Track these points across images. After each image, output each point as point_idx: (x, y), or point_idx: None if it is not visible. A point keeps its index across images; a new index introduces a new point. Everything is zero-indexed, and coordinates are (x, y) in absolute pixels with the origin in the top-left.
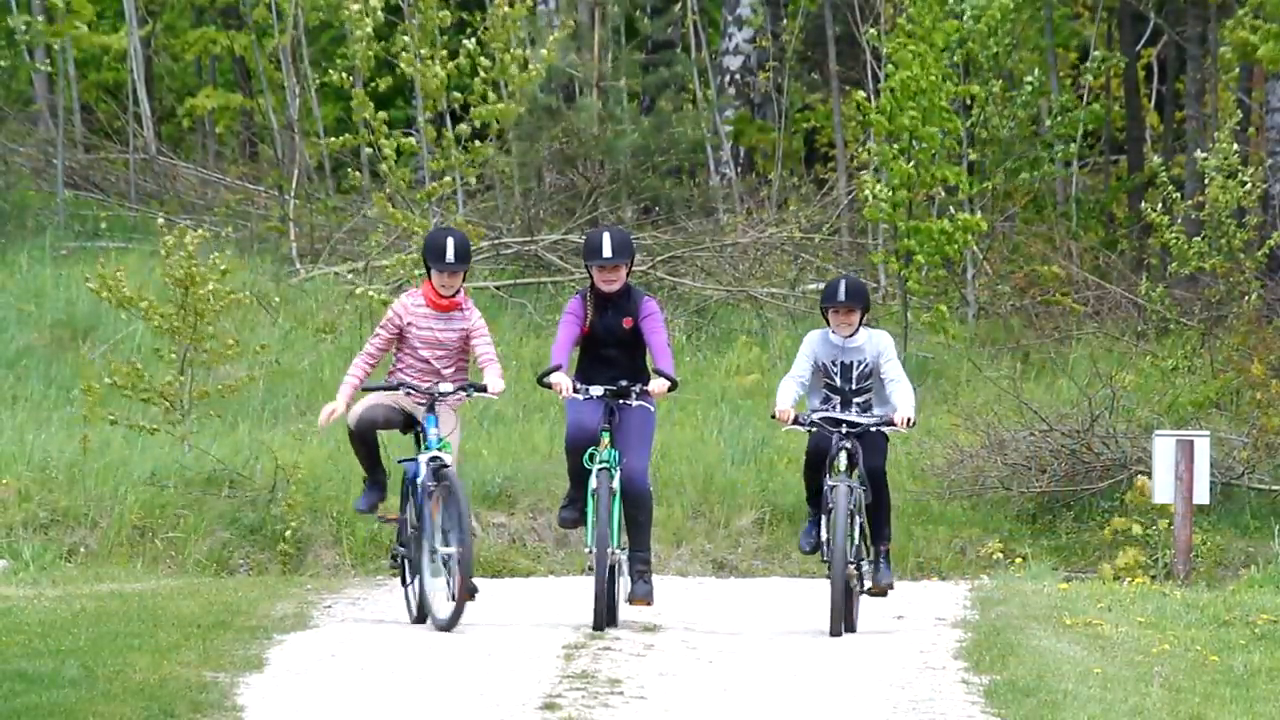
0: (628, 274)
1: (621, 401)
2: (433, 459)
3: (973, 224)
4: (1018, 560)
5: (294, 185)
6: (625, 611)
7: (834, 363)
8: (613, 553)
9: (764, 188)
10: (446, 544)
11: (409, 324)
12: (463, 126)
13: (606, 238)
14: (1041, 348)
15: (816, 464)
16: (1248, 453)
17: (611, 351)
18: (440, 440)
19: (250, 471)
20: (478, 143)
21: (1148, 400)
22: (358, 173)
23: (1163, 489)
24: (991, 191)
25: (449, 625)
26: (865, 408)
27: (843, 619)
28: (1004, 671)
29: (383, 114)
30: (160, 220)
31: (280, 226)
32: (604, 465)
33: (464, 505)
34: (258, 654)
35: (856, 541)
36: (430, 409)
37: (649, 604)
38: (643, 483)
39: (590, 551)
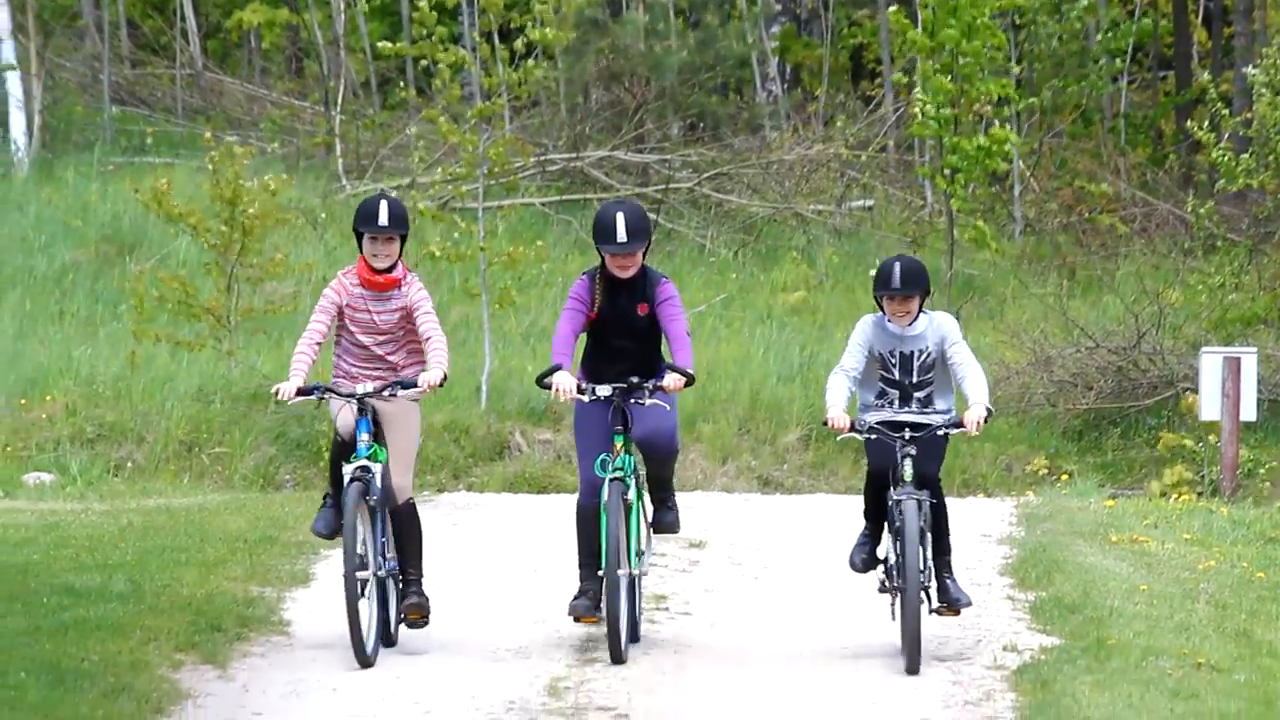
0: (644, 256)
1: (633, 401)
2: (356, 468)
3: (1004, 137)
4: (1064, 477)
5: (340, 101)
6: (666, 543)
7: (892, 353)
8: (628, 574)
9: (810, 104)
10: (364, 567)
11: (346, 305)
12: (518, 42)
13: (620, 220)
14: (1088, 265)
15: (881, 484)
16: None
17: (623, 342)
18: (370, 448)
19: None
20: (529, 61)
21: (1195, 317)
22: (409, 88)
23: (1209, 406)
24: (1039, 107)
25: (367, 661)
26: (926, 402)
27: (919, 649)
28: (1050, 588)
29: (442, 28)
30: (207, 135)
31: (328, 139)
32: (617, 474)
33: (385, 525)
34: (304, 569)
35: (928, 562)
36: (361, 410)
37: (676, 531)
38: (673, 440)
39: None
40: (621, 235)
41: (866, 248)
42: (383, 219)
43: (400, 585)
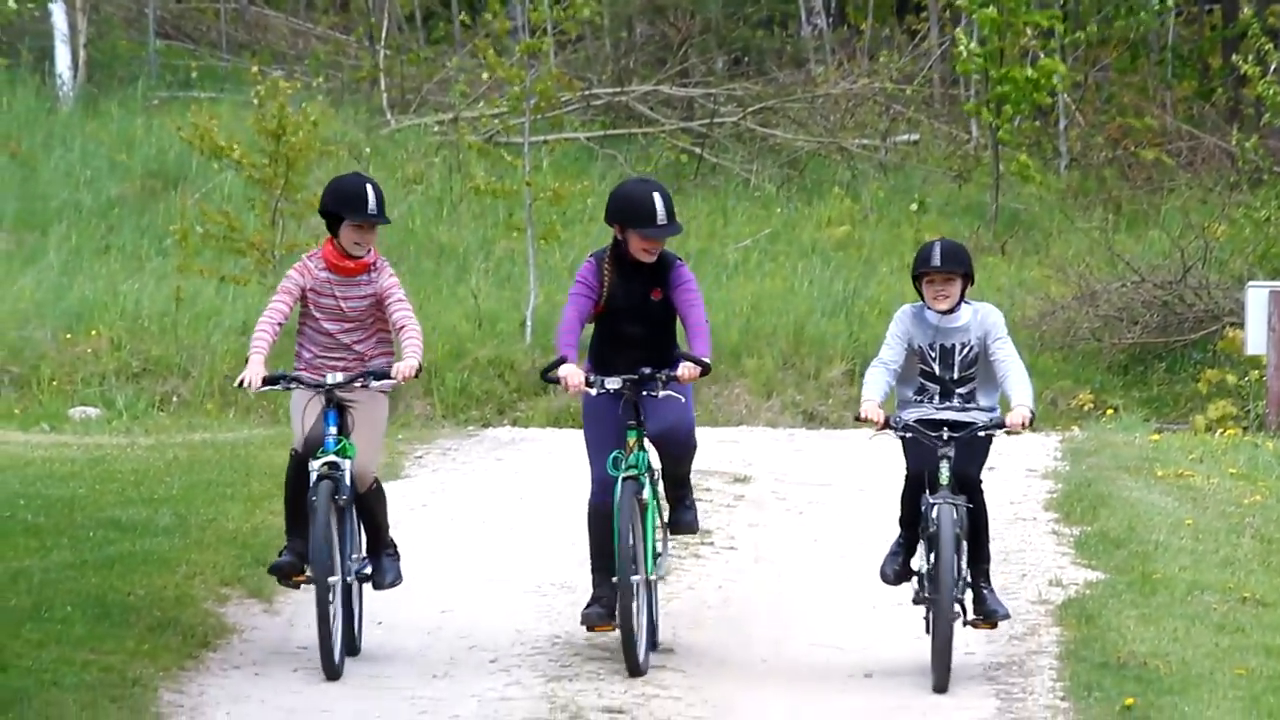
0: None
1: (645, 393)
2: (324, 465)
3: (1053, 68)
4: (1109, 411)
5: (384, 36)
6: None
7: (931, 346)
8: (644, 579)
9: (855, 38)
10: (333, 572)
11: (310, 289)
12: None
13: (659, 201)
14: (1134, 199)
15: (918, 489)
16: None
17: (635, 329)
18: (338, 442)
19: None
20: None
21: (1240, 251)
22: (454, 21)
23: (1255, 340)
24: (1085, 40)
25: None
26: (969, 399)
27: (948, 667)
28: (1095, 523)
29: None
30: (254, 69)
31: (373, 73)
32: (631, 472)
33: (353, 526)
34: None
35: (962, 569)
36: (329, 402)
37: (694, 532)
38: (690, 435)
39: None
40: (662, 217)
41: (912, 182)
42: (371, 206)
43: (366, 576)
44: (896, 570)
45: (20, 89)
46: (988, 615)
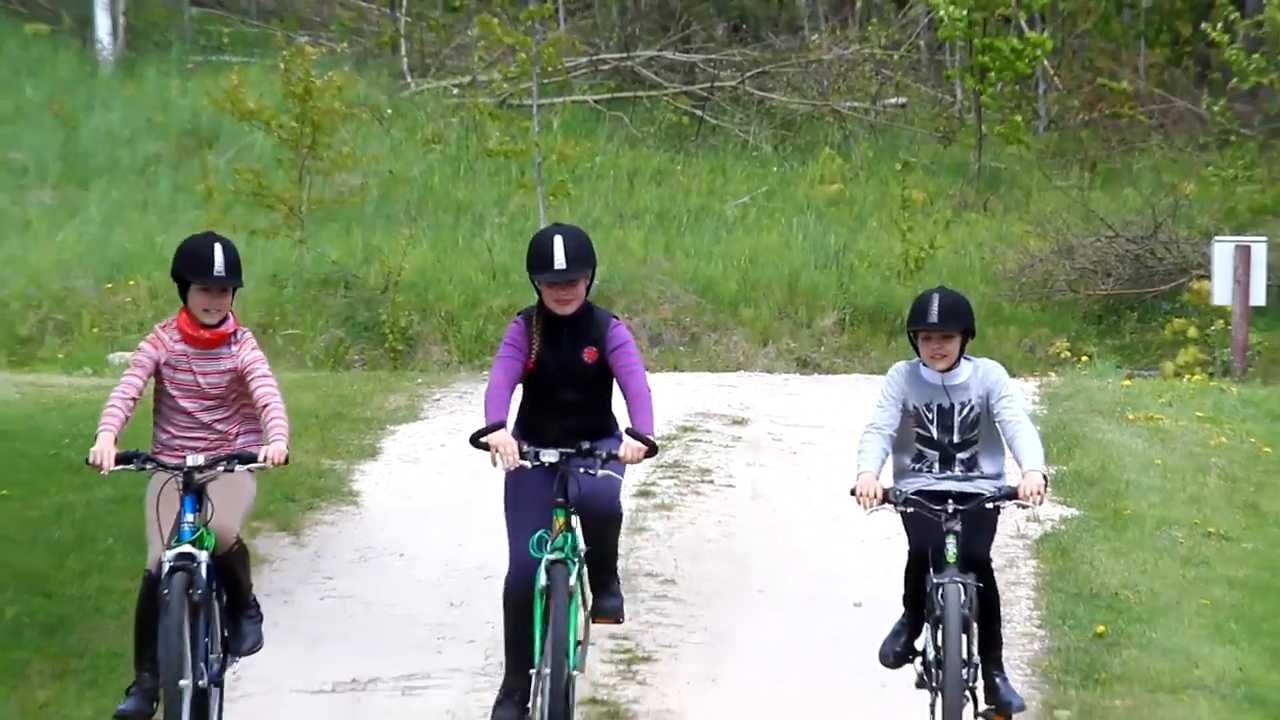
0: (588, 289)
1: (582, 470)
2: (177, 557)
3: (1040, 41)
4: (1083, 358)
5: (405, 3)
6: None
7: (929, 406)
8: (569, 675)
9: (847, 6)
10: (183, 675)
11: (165, 364)
12: None
13: (558, 243)
14: (1108, 159)
15: (922, 566)
16: None
17: (567, 393)
18: (195, 530)
19: (364, 273)
20: None
21: (1208, 208)
22: None
23: (1221, 292)
24: (1062, 10)
25: None
26: (971, 465)
27: None
28: (1070, 462)
29: None
30: (279, 35)
31: (394, 38)
32: (557, 556)
33: (210, 625)
34: (372, 443)
35: (972, 654)
36: (187, 487)
37: (619, 621)
38: (614, 503)
39: (537, 675)
40: (559, 261)
41: (899, 143)
42: (218, 268)
43: (224, 661)
44: (898, 652)
45: (63, 53)
46: (1001, 707)
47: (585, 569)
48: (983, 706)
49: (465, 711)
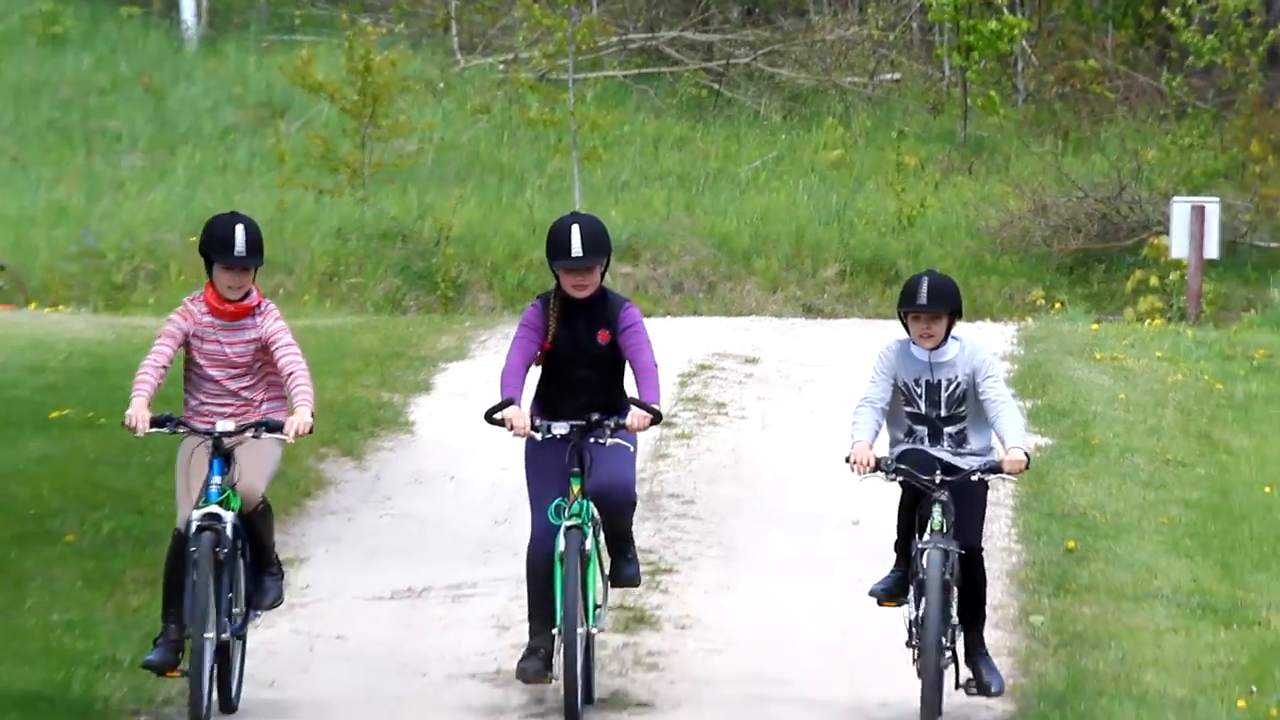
0: (603, 275)
1: (593, 440)
2: (205, 516)
3: (1018, 23)
4: (1056, 305)
5: None
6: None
7: (918, 383)
8: (586, 633)
9: None
10: (208, 629)
11: (194, 335)
12: None
13: (576, 232)
14: (1078, 128)
15: (913, 503)
16: (1250, 216)
17: (581, 373)
18: (223, 491)
19: (418, 228)
20: None
21: (1167, 172)
22: None
23: (1178, 246)
24: None
25: None
26: (959, 440)
27: (938, 711)
28: (1044, 397)
29: None
30: (344, 17)
31: (447, 19)
32: (574, 522)
33: (233, 581)
34: (426, 379)
35: (953, 622)
36: (215, 450)
37: (636, 585)
38: (629, 490)
39: (558, 634)
40: (576, 249)
41: (894, 113)
42: (239, 248)
43: (247, 614)
44: (884, 588)
45: (152, 32)
46: (982, 687)
47: (603, 536)
48: (966, 678)
49: (508, 615)
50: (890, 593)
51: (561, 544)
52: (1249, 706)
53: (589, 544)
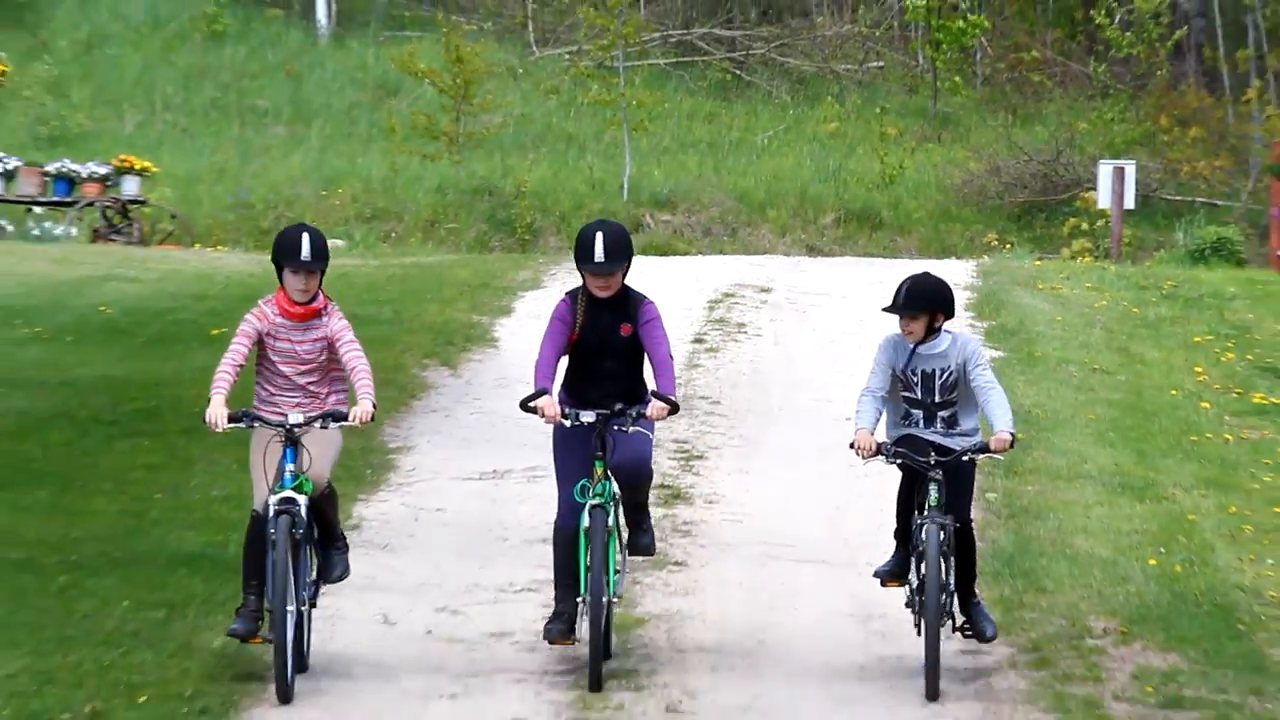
0: (624, 276)
1: (616, 427)
2: (281, 501)
3: (979, 22)
4: (1007, 246)
5: None
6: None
7: (913, 371)
8: (608, 601)
9: None
10: (290, 602)
11: (267, 334)
12: None
13: (599, 239)
14: (1024, 105)
15: (909, 488)
16: (1159, 175)
17: (606, 363)
18: (296, 477)
19: (502, 185)
20: None
21: (1094, 140)
22: None
23: (1104, 199)
24: (994, 1)
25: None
26: (951, 423)
27: (938, 674)
28: (997, 319)
29: None
30: (440, 17)
31: (525, 18)
32: (598, 500)
33: (309, 560)
34: (508, 304)
35: (948, 582)
36: (288, 440)
37: (651, 554)
38: (646, 465)
39: (583, 601)
40: (600, 255)
41: (879, 94)
42: (305, 254)
43: (317, 584)
44: (887, 570)
45: (293, 29)
46: (978, 633)
47: (622, 510)
48: (960, 623)
49: None
50: (893, 574)
51: (587, 521)
52: (1158, 564)
53: (610, 520)
